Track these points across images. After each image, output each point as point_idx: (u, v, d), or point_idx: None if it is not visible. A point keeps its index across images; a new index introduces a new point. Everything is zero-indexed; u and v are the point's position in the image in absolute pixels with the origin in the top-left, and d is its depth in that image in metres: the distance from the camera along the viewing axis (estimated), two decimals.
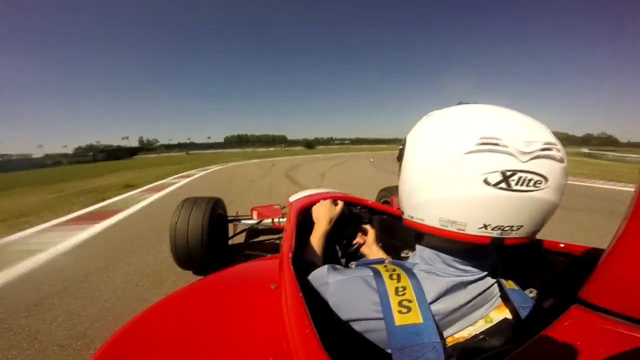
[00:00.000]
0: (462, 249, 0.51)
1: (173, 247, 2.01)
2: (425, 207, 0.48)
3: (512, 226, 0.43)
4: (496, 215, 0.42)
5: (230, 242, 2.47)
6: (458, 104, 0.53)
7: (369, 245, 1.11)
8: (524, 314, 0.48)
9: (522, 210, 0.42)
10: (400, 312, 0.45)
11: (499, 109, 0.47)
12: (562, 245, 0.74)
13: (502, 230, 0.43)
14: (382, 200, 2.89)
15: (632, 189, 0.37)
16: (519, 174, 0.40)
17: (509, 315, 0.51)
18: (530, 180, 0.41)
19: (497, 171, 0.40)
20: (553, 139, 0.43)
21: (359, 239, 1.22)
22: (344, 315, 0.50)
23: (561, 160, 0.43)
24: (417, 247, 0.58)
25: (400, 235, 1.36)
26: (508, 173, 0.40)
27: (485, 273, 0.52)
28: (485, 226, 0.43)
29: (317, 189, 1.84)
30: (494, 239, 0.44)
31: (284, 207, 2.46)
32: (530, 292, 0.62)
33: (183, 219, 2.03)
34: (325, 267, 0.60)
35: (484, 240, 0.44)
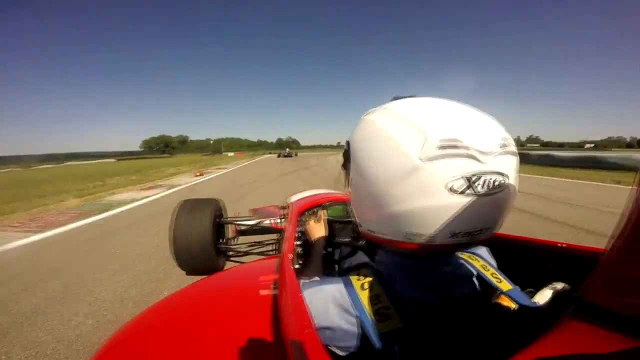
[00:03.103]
0: (428, 254, 0.48)
1: (173, 249, 2.03)
2: (387, 223, 0.44)
3: (480, 229, 0.42)
4: (464, 223, 0.40)
5: (230, 243, 2.47)
6: (394, 98, 0.49)
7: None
8: (521, 314, 0.47)
9: (489, 212, 0.41)
10: (379, 320, 0.44)
11: (448, 103, 0.45)
12: (561, 245, 0.74)
13: (471, 235, 0.42)
14: None
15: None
16: (483, 177, 0.38)
17: (505, 316, 0.49)
18: (494, 181, 0.39)
19: (461, 177, 0.38)
20: (506, 133, 0.42)
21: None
22: (318, 323, 0.47)
23: (515, 154, 0.42)
24: (380, 251, 0.56)
25: None
26: (473, 178, 0.38)
27: (465, 274, 0.50)
28: (453, 235, 0.41)
29: (317, 190, 1.85)
30: (460, 245, 0.43)
31: (283, 208, 2.47)
32: (529, 292, 0.62)
33: (179, 221, 2.04)
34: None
35: (451, 247, 0.44)
